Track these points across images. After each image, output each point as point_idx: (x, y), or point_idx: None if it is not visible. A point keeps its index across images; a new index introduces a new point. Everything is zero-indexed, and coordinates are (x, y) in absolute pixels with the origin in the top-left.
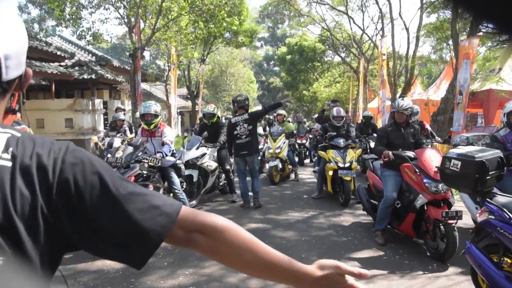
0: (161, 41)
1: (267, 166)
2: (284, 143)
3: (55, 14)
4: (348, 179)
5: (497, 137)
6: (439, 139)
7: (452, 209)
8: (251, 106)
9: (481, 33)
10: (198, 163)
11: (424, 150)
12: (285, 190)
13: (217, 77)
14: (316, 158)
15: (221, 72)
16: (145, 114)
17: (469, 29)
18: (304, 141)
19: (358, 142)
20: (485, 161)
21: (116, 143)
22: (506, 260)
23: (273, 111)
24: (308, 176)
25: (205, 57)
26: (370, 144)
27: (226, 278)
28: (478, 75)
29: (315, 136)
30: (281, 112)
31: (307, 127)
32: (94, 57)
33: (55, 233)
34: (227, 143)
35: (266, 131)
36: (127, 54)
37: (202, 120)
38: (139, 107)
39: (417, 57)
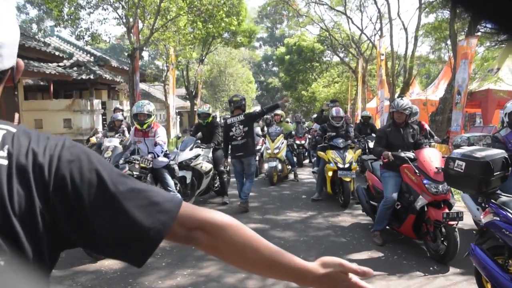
0: (160, 41)
1: (266, 166)
2: (282, 143)
3: (54, 14)
4: (348, 180)
5: (498, 137)
6: (437, 138)
7: (452, 210)
8: (250, 106)
9: (479, 33)
10: (191, 164)
11: (423, 150)
12: (283, 190)
13: (215, 77)
14: (315, 158)
15: (220, 72)
16: (138, 113)
17: (467, 29)
18: (303, 142)
19: (356, 142)
20: (490, 161)
21: (107, 142)
22: (511, 262)
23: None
24: (306, 176)
25: (203, 57)
26: (368, 144)
27: (224, 278)
28: (476, 75)
29: (314, 136)
30: (279, 112)
31: (306, 127)
32: (92, 58)
33: (53, 232)
34: (223, 144)
35: (264, 132)
36: (126, 54)
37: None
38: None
39: (415, 57)
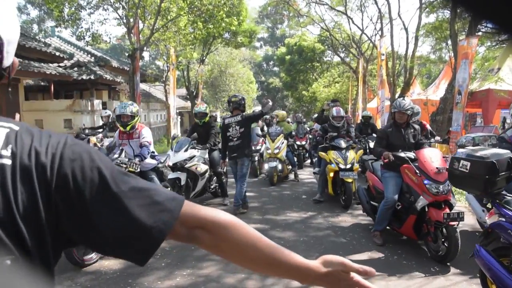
0: (160, 41)
1: (266, 166)
2: (282, 143)
3: (54, 15)
4: (349, 180)
5: (505, 138)
6: (438, 138)
7: (453, 211)
8: (250, 106)
9: (480, 33)
10: (186, 165)
11: (424, 150)
12: (284, 190)
13: (216, 77)
14: (316, 159)
15: (221, 72)
16: (121, 115)
17: (468, 29)
18: (303, 143)
19: (357, 142)
20: (495, 161)
21: (107, 142)
22: None
23: (271, 111)
24: (307, 176)
25: (204, 58)
26: (369, 144)
27: (223, 278)
28: (477, 75)
29: (314, 136)
30: (280, 112)
31: (307, 128)
32: (93, 58)
33: (55, 230)
34: (221, 144)
35: (264, 132)
36: (126, 54)
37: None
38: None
39: (416, 57)
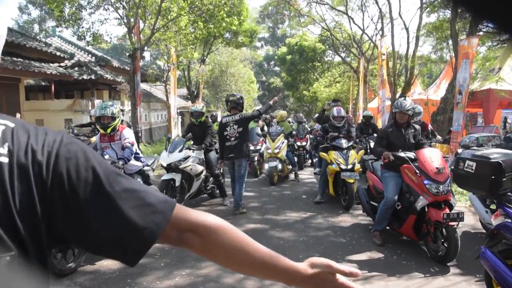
0: (161, 41)
1: (266, 166)
2: (283, 143)
3: (55, 14)
4: (351, 181)
5: None
6: (439, 138)
7: (453, 211)
8: (252, 106)
9: (481, 33)
10: (180, 166)
11: (424, 150)
12: (284, 190)
13: (217, 77)
14: (316, 159)
15: (221, 72)
16: (101, 116)
17: (468, 29)
18: (303, 143)
19: (358, 142)
20: (501, 162)
21: None
22: None
23: (270, 111)
24: (307, 176)
25: (205, 57)
26: (370, 144)
27: (222, 278)
28: (478, 75)
29: (315, 136)
30: (281, 112)
31: (308, 128)
32: (93, 58)
33: (49, 228)
34: (219, 144)
35: (264, 131)
36: (127, 54)
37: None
38: (94, 109)
39: (417, 56)
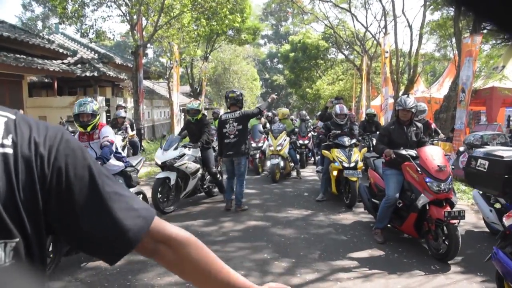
0: (164, 38)
1: (268, 164)
2: (285, 140)
3: (58, 11)
4: (354, 179)
5: None
6: (442, 136)
7: (454, 209)
8: (255, 103)
9: (484, 31)
10: (175, 164)
11: (425, 148)
12: (286, 187)
13: (220, 74)
14: (319, 157)
15: (224, 69)
16: (80, 114)
17: (472, 27)
18: (306, 142)
19: (361, 140)
20: None
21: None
22: None
23: (272, 108)
24: (309, 174)
25: (208, 55)
26: (373, 142)
27: None
28: (481, 73)
29: (318, 134)
30: (284, 110)
31: (311, 126)
32: (96, 55)
33: (44, 221)
34: (217, 141)
35: (266, 128)
36: (130, 51)
37: (204, 117)
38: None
39: (420, 54)
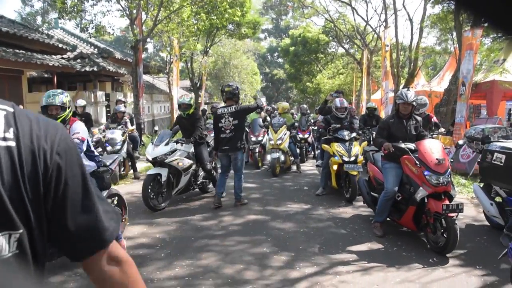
0: (163, 33)
1: (269, 158)
2: (285, 134)
3: (57, 6)
4: (354, 173)
5: None
6: (442, 130)
7: (453, 202)
8: (257, 97)
9: (485, 24)
10: (166, 160)
11: (424, 141)
12: (286, 182)
13: (220, 69)
14: (319, 151)
15: (225, 64)
16: (49, 106)
17: (472, 20)
18: (306, 136)
19: (361, 134)
20: None
21: (109, 134)
22: None
23: (273, 102)
24: (309, 168)
25: (208, 49)
26: (373, 135)
27: (222, 269)
28: (482, 66)
29: (318, 128)
30: (284, 104)
31: (311, 120)
32: (96, 50)
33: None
34: (214, 136)
35: (266, 122)
36: (130, 46)
37: (204, 111)
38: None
39: (420, 48)
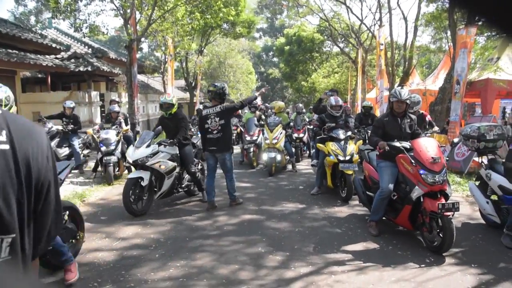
0: (158, 32)
1: (264, 157)
2: (281, 133)
3: (50, 5)
4: (350, 173)
5: None
6: (437, 128)
7: (449, 201)
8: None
9: (479, 22)
10: (148, 163)
11: (419, 140)
12: (281, 181)
13: (215, 68)
14: (314, 150)
15: (219, 63)
16: None
17: (467, 19)
18: (301, 135)
19: (357, 132)
20: None
21: (103, 134)
22: None
23: (268, 102)
24: (305, 167)
25: (203, 48)
26: (369, 134)
27: (217, 269)
28: (477, 64)
29: (314, 127)
30: (279, 103)
31: (307, 119)
32: (90, 49)
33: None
34: (200, 137)
35: (261, 121)
36: (124, 46)
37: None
38: None
39: (415, 46)
